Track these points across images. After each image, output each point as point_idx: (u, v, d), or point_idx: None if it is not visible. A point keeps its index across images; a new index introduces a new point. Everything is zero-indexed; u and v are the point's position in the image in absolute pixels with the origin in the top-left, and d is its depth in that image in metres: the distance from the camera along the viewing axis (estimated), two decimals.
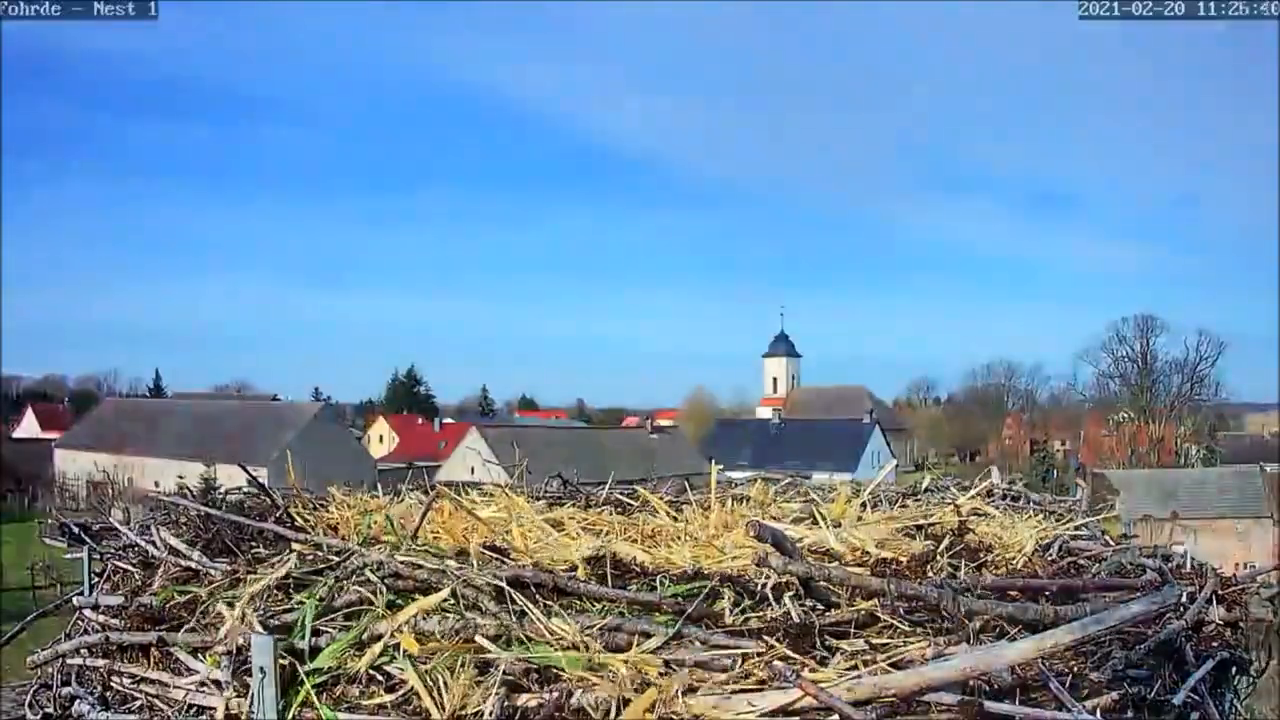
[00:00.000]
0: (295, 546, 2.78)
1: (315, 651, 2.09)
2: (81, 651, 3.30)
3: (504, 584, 2.30)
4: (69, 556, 4.40)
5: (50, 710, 3.56)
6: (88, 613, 3.60)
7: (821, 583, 2.18)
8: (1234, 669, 2.26)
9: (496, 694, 1.66)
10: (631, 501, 4.17)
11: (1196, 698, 1.93)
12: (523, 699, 1.65)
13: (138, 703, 2.37)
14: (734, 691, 1.65)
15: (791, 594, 2.26)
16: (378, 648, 1.96)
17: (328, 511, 3.73)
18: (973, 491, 3.88)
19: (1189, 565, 2.82)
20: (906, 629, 2.05)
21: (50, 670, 3.63)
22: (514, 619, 1.97)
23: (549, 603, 2.20)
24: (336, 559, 2.70)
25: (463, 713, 1.67)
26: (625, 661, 1.75)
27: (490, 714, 1.64)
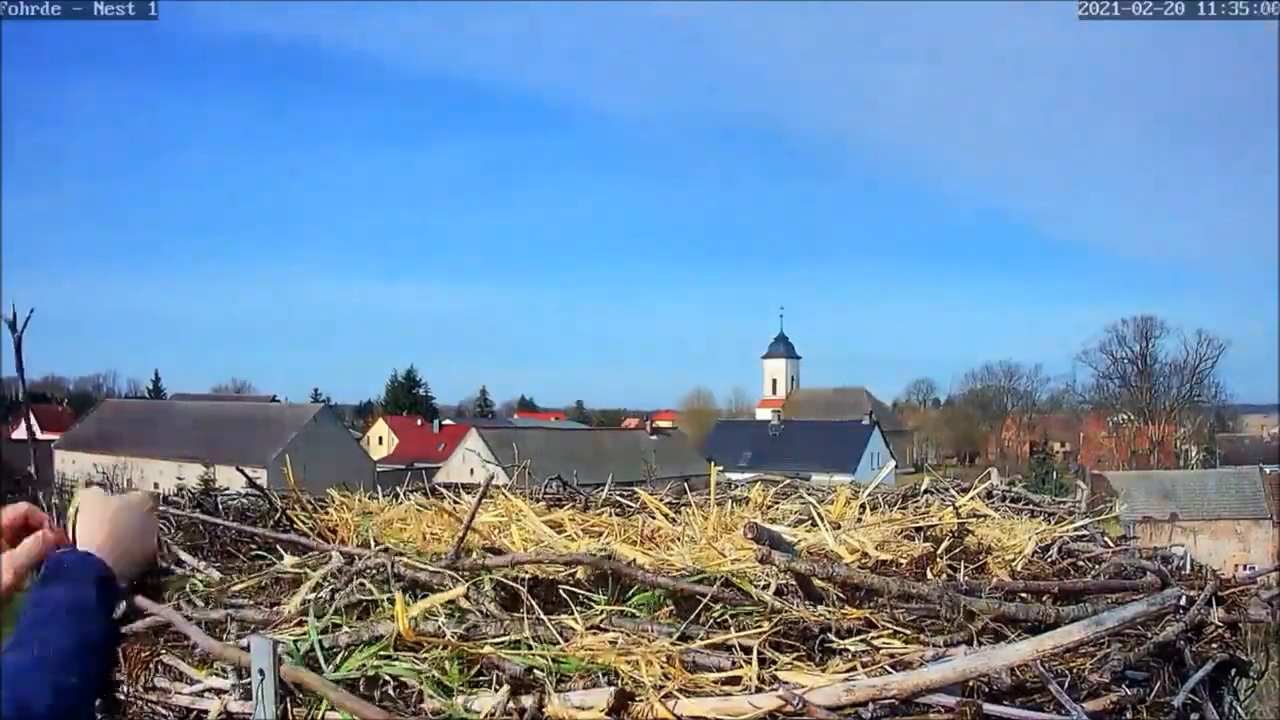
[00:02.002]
0: (287, 562, 2.77)
1: (305, 655, 2.09)
2: None
3: (506, 583, 2.31)
4: None
5: None
6: None
7: (821, 583, 2.18)
8: (1233, 671, 2.26)
9: (498, 695, 1.66)
10: (630, 503, 4.16)
11: (1196, 699, 1.93)
12: (524, 700, 1.66)
13: (133, 708, 2.37)
14: (734, 693, 1.66)
15: (791, 594, 2.26)
16: (377, 648, 1.96)
17: (327, 514, 3.72)
18: (972, 493, 3.87)
19: (1188, 567, 2.82)
20: (907, 630, 2.05)
21: None
22: (514, 620, 1.97)
23: (549, 604, 2.20)
24: (339, 562, 2.70)
25: (465, 714, 1.67)
26: (626, 662, 1.75)
27: (492, 715, 1.64)
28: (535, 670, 1.74)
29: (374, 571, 2.31)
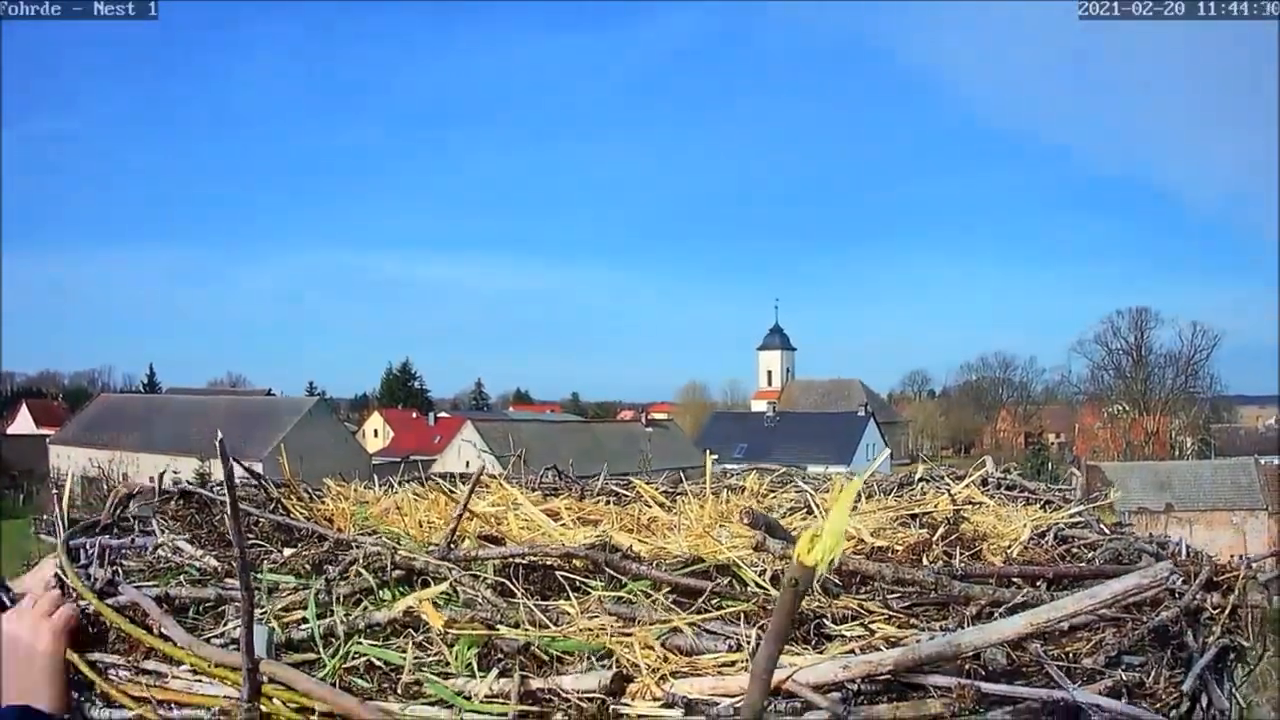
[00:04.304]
0: (287, 552, 2.77)
1: (302, 644, 2.08)
2: None
3: (500, 577, 2.32)
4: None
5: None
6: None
7: None
8: (1231, 656, 2.26)
9: (492, 677, 1.66)
10: (626, 493, 4.16)
11: (1198, 685, 1.93)
12: (530, 683, 1.66)
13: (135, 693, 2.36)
14: (731, 675, 1.66)
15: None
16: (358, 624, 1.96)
17: (323, 503, 3.72)
18: (967, 480, 3.88)
19: (1184, 554, 2.83)
20: (902, 615, 2.05)
21: None
22: (510, 605, 1.98)
23: (547, 590, 2.21)
24: (336, 551, 2.70)
25: (458, 699, 1.67)
26: (622, 645, 1.75)
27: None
28: (532, 647, 1.74)
29: (370, 560, 2.31)
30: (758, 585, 2.19)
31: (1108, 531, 3.16)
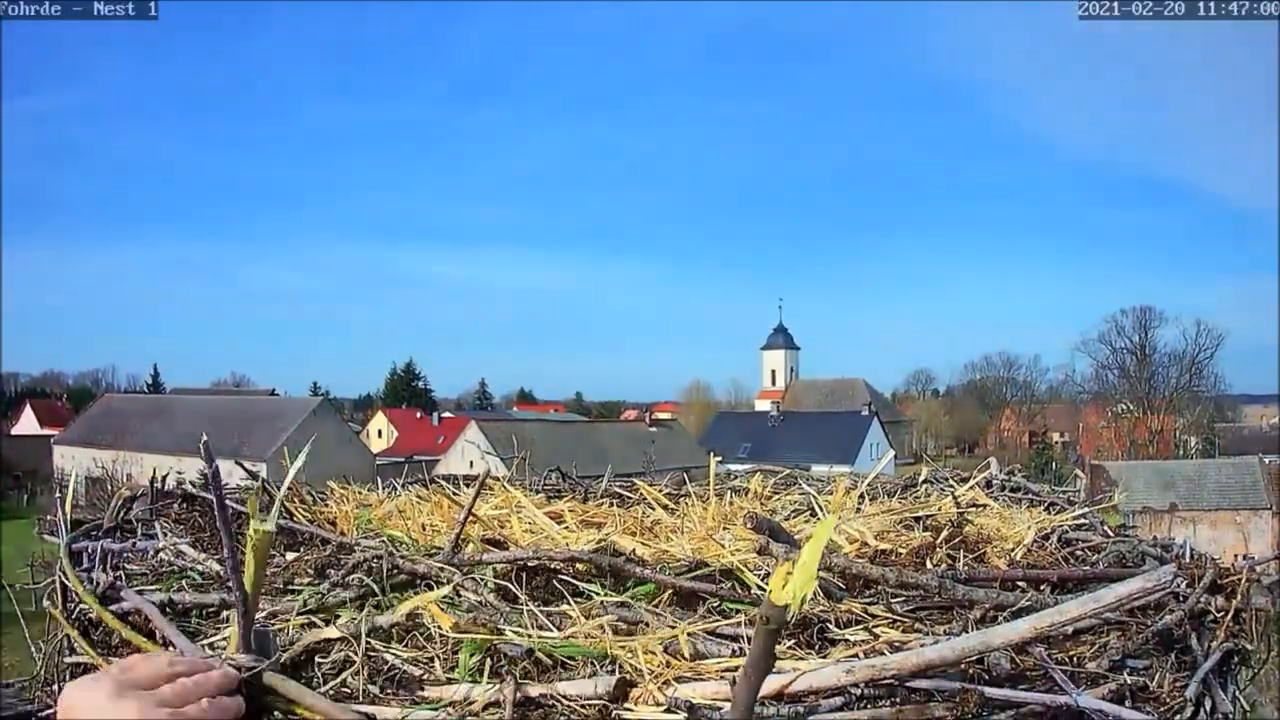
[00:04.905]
0: (290, 556, 2.77)
1: (304, 648, 2.08)
2: (80, 649, 3.27)
3: (503, 580, 2.31)
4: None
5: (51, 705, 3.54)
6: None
7: (821, 572, 2.18)
8: (1235, 659, 2.26)
9: (490, 682, 1.66)
10: (630, 495, 4.15)
11: (1201, 689, 1.93)
12: (530, 689, 1.65)
13: None
14: (734, 680, 1.66)
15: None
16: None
17: (326, 506, 3.72)
18: (971, 482, 3.87)
19: (1188, 555, 2.82)
20: (906, 619, 2.05)
21: (52, 667, 3.60)
22: (513, 609, 1.97)
23: (550, 594, 2.21)
24: (339, 554, 2.70)
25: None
26: (624, 649, 1.75)
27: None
28: (536, 652, 1.74)
29: (373, 564, 2.31)
30: (761, 589, 2.19)
31: (1111, 534, 3.15)
